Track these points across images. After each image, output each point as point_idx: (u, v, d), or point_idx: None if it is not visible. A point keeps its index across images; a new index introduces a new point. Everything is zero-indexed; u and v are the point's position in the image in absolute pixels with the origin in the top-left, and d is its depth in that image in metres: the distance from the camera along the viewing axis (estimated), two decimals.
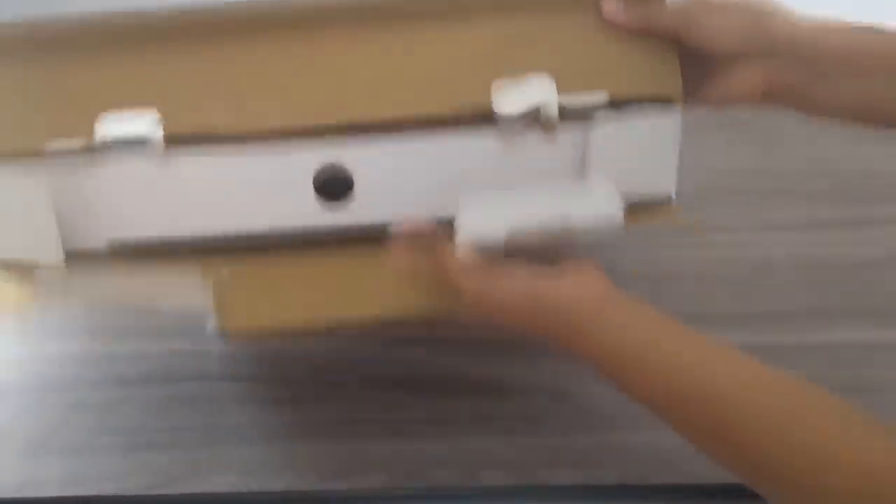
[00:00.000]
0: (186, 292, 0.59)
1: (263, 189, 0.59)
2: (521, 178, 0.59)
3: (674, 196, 0.63)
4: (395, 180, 0.58)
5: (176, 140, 0.57)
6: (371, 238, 0.59)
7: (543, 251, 0.57)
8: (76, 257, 0.59)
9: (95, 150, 0.56)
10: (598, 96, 0.60)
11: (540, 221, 0.57)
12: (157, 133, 0.56)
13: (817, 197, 0.87)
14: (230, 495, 0.66)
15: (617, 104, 0.60)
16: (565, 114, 0.60)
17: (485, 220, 0.57)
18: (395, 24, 0.58)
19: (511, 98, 0.58)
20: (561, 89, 0.59)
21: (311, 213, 0.59)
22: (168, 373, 0.71)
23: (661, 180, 0.63)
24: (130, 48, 0.57)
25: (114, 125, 0.56)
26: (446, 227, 0.57)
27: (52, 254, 0.58)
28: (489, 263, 0.55)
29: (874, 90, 0.56)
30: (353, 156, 0.58)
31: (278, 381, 0.71)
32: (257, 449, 0.68)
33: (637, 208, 0.62)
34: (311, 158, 0.58)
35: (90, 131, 0.56)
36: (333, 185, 0.59)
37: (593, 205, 0.58)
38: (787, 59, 0.57)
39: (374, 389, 0.68)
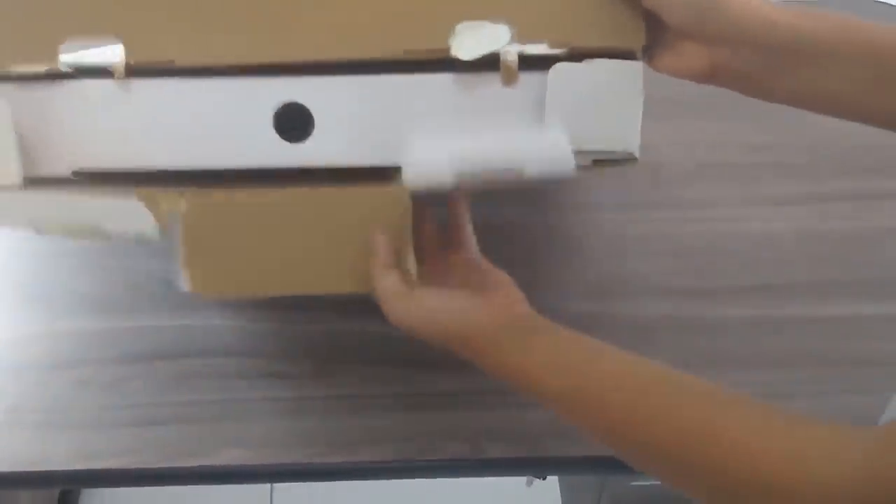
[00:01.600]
0: (142, 222, 0.58)
1: (223, 123, 0.58)
2: (478, 121, 0.58)
3: (636, 154, 0.62)
4: (354, 120, 0.58)
5: (138, 71, 0.57)
6: (329, 177, 0.59)
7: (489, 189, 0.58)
8: (38, 182, 0.58)
9: (58, 77, 0.56)
10: (559, 47, 0.59)
11: (490, 165, 0.57)
12: (119, 61, 0.56)
13: (819, 171, 0.87)
14: (239, 468, 0.66)
15: (578, 55, 0.59)
16: (525, 61, 0.59)
17: (434, 162, 0.57)
18: None
19: (470, 43, 0.58)
20: (522, 37, 0.58)
21: (271, 151, 0.59)
22: (176, 349, 0.71)
23: (624, 136, 0.61)
24: None
25: (77, 52, 0.56)
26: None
27: (10, 175, 0.58)
28: (407, 292, 0.57)
29: (822, 81, 0.55)
30: (313, 94, 0.57)
31: (285, 357, 0.71)
32: (265, 423, 0.68)
33: (599, 165, 0.62)
34: (271, 95, 0.58)
35: (54, 57, 0.56)
36: (293, 123, 0.59)
37: (545, 150, 0.58)
38: (735, 46, 0.55)
39: (383, 365, 0.68)
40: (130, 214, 0.56)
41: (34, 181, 0.58)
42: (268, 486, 1.45)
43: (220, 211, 0.59)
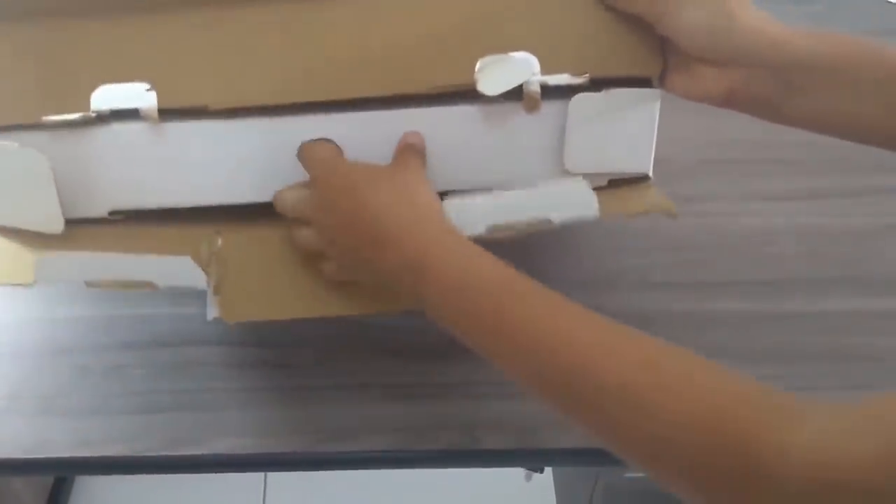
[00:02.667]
0: (192, 279, 0.59)
1: (255, 160, 0.59)
2: (500, 151, 0.59)
3: (650, 174, 0.64)
4: (382, 152, 0.58)
5: (169, 113, 0.57)
6: None
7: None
8: (76, 225, 0.60)
9: (92, 122, 0.57)
10: (580, 76, 0.60)
11: (520, 216, 0.59)
12: (152, 105, 0.57)
13: (817, 167, 0.88)
14: (234, 457, 0.67)
15: (597, 83, 0.61)
16: (547, 92, 0.61)
17: (465, 215, 0.59)
18: None
19: (494, 77, 0.59)
20: (543, 67, 0.60)
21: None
22: (175, 337, 0.72)
23: (639, 158, 0.64)
24: (124, 20, 0.57)
25: (109, 98, 0.57)
26: None
27: (53, 223, 0.59)
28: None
29: (838, 103, 0.56)
30: (341, 129, 0.58)
31: (284, 346, 0.72)
32: (261, 412, 0.68)
33: (614, 184, 0.63)
34: (301, 132, 0.58)
35: (86, 104, 0.56)
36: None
37: (570, 201, 0.59)
38: (750, 68, 0.56)
39: (381, 355, 0.69)
40: (181, 271, 0.57)
41: (73, 222, 0.59)
42: (261, 475, 1.46)
43: (254, 244, 0.60)
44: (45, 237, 0.60)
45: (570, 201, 0.60)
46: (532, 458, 0.71)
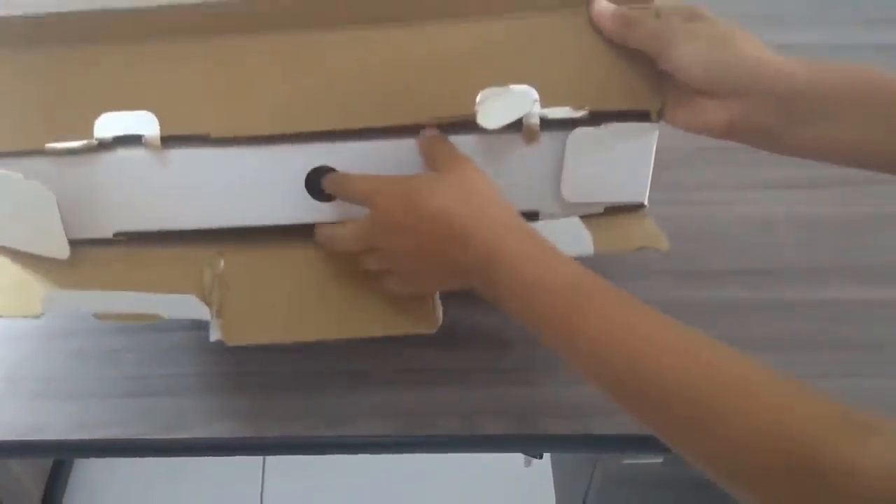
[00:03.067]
0: (197, 312, 0.60)
1: (256, 186, 0.60)
2: (500, 179, 0.59)
3: (646, 203, 0.65)
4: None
5: (172, 140, 0.58)
6: None
7: None
8: (82, 245, 0.60)
9: (95, 150, 0.57)
10: (580, 109, 0.61)
11: None
12: (154, 132, 0.57)
13: None
14: (232, 441, 0.67)
15: (596, 116, 0.61)
16: (546, 124, 0.61)
17: None
18: (383, 27, 0.58)
19: (495, 110, 0.59)
20: (543, 100, 0.60)
21: (301, 209, 0.61)
22: (172, 321, 0.71)
23: (635, 188, 0.65)
24: (126, 48, 0.57)
25: (112, 125, 0.57)
26: None
27: (58, 249, 0.60)
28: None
29: (840, 132, 0.56)
30: (340, 157, 0.59)
31: None
32: (259, 396, 0.69)
33: (610, 212, 0.65)
34: (303, 160, 0.59)
35: (89, 131, 0.56)
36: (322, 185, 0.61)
37: (566, 238, 0.59)
38: (751, 99, 0.56)
39: (382, 340, 0.68)
40: (186, 305, 0.58)
41: (78, 242, 0.60)
42: (259, 458, 1.46)
43: (256, 266, 0.61)
44: (53, 262, 0.60)
45: (566, 239, 0.60)
46: (532, 444, 0.71)
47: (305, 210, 0.61)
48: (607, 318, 0.49)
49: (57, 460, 1.37)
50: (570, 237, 0.61)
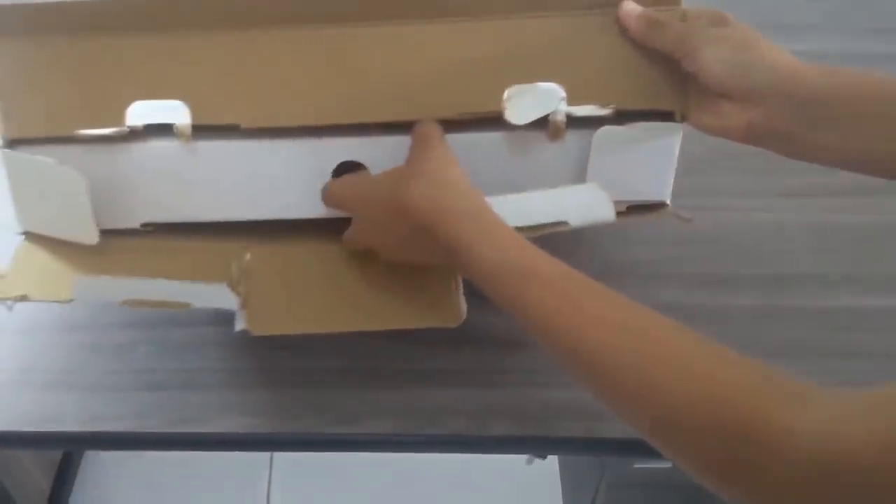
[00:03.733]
0: (227, 301, 0.60)
1: (284, 180, 0.60)
2: (525, 175, 0.61)
3: (668, 201, 0.66)
4: None
5: (202, 129, 0.58)
6: None
7: None
8: (110, 235, 0.61)
9: (127, 137, 0.58)
10: (605, 108, 0.62)
11: (539, 221, 0.61)
12: (185, 122, 0.57)
13: None
14: (241, 436, 0.67)
15: (622, 115, 0.62)
16: (572, 122, 0.62)
17: None
18: (413, 23, 0.59)
19: (522, 106, 0.60)
20: (570, 98, 0.61)
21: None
22: (184, 316, 0.72)
23: (658, 187, 0.66)
24: (160, 37, 0.58)
25: (144, 113, 0.57)
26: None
27: (88, 234, 0.60)
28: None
29: (856, 138, 0.57)
30: (369, 151, 0.59)
31: None
32: (269, 392, 0.69)
33: (632, 209, 0.65)
34: (331, 154, 0.59)
35: (121, 119, 0.57)
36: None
37: (586, 205, 0.61)
38: (771, 104, 0.57)
39: (391, 339, 0.69)
40: (216, 294, 0.59)
41: (106, 233, 0.61)
42: (267, 456, 1.46)
43: (281, 259, 0.62)
44: (81, 249, 0.61)
45: (588, 206, 0.61)
46: (538, 446, 0.71)
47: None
48: (555, 296, 0.51)
49: (66, 454, 1.38)
50: (592, 204, 0.61)
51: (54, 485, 1.35)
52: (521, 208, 0.60)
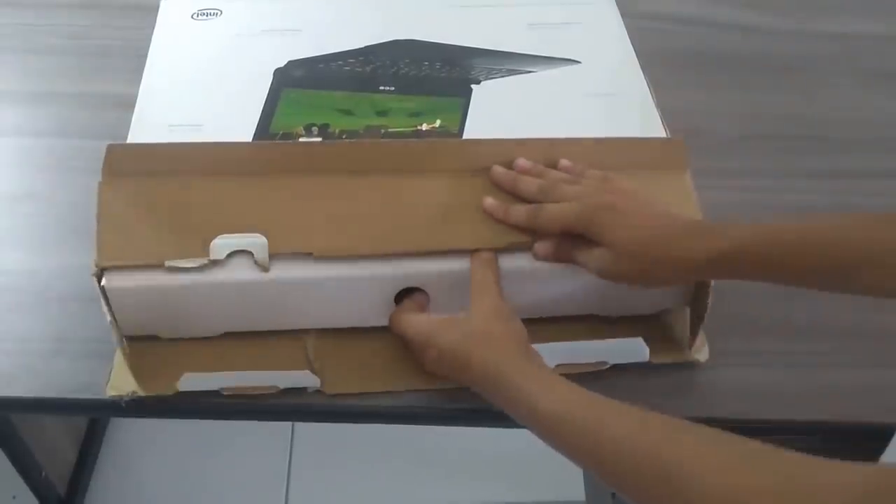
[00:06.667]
0: (310, 382, 0.68)
1: (350, 298, 0.68)
2: (556, 292, 0.70)
3: None
4: (462, 293, 0.66)
5: (277, 255, 0.65)
6: None
7: None
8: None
9: (208, 267, 0.64)
10: None
11: (581, 361, 0.69)
12: (264, 254, 0.64)
13: (859, 146, 0.87)
14: (268, 406, 0.68)
15: None
16: None
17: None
18: (460, 174, 0.70)
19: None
20: None
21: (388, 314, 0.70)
22: None
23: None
24: (244, 181, 0.68)
25: (226, 245, 0.64)
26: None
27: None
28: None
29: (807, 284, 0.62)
30: (428, 275, 0.67)
31: None
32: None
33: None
34: (392, 276, 0.67)
35: (205, 251, 0.64)
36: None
37: (626, 350, 0.69)
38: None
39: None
40: (299, 378, 0.68)
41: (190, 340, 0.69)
42: (289, 426, 1.48)
43: (348, 347, 0.70)
44: (171, 347, 0.69)
45: (627, 351, 0.69)
46: None
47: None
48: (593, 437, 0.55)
49: (91, 424, 1.41)
50: (631, 350, 0.69)
51: (80, 453, 1.38)
52: (569, 350, 0.68)
